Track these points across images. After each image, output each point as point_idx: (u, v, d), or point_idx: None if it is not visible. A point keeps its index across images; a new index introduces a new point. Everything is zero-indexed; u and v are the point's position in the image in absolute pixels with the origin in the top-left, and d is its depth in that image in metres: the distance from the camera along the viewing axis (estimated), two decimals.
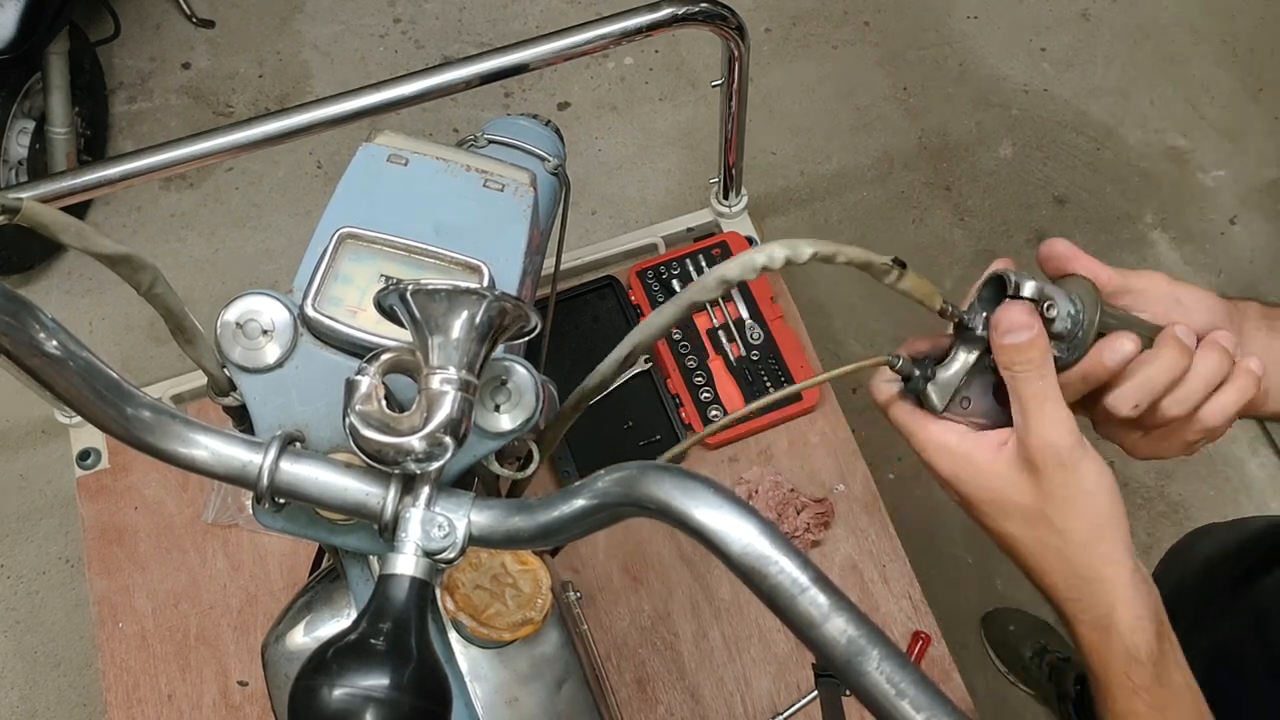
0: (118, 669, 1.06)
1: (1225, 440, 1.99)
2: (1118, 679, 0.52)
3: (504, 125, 0.85)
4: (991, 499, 0.54)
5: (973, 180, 2.26)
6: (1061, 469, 0.52)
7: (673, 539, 1.10)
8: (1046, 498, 0.52)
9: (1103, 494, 0.53)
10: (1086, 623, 0.53)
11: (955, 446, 0.55)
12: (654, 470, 0.43)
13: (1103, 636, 0.53)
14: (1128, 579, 0.53)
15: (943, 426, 0.56)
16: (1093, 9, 2.47)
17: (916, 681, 0.39)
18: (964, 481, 0.55)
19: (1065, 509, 0.52)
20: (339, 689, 0.40)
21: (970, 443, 0.55)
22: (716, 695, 1.04)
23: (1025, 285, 0.54)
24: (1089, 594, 0.53)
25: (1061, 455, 0.51)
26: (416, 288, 0.44)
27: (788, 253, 0.47)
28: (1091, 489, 0.52)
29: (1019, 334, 0.52)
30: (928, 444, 0.56)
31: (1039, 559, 0.54)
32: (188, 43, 2.44)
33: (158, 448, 0.47)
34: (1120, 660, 0.52)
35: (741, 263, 0.47)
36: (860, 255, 0.49)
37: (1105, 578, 0.52)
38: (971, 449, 0.55)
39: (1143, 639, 0.52)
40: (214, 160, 0.95)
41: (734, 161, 1.20)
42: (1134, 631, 0.52)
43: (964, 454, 0.55)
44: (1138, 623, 0.52)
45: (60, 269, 2.17)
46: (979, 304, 0.56)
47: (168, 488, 1.14)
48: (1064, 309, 0.54)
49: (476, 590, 0.74)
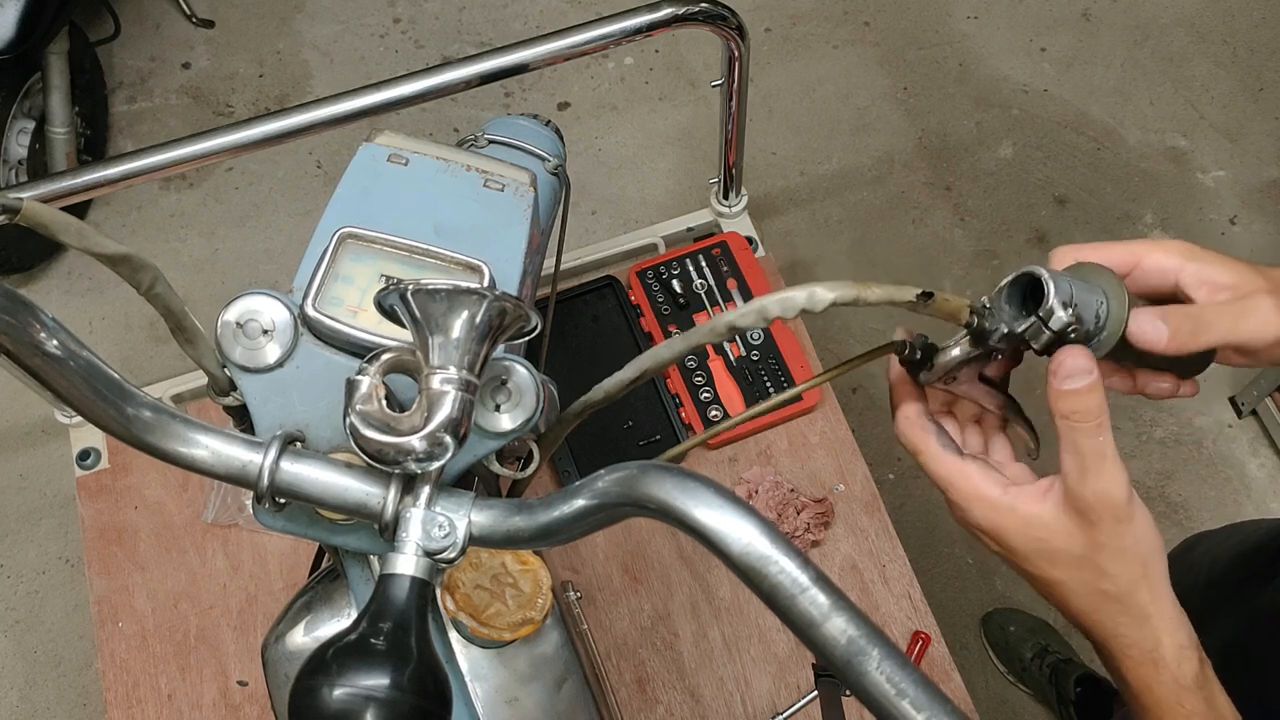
0: (117, 669, 1.06)
1: (1225, 441, 2.00)
2: (1170, 709, 0.53)
3: (504, 125, 0.85)
4: (1039, 549, 0.54)
5: (973, 180, 2.26)
6: (1116, 522, 0.52)
7: (673, 539, 1.10)
8: (1098, 548, 0.52)
9: (1148, 536, 0.53)
10: (1134, 658, 0.53)
11: (998, 499, 0.55)
12: (654, 470, 0.43)
13: (1151, 670, 0.53)
14: (1171, 611, 0.54)
15: (983, 477, 0.55)
16: (1093, 9, 2.47)
17: (916, 681, 0.39)
18: (1008, 533, 0.55)
19: (1117, 557, 0.52)
20: (339, 689, 0.40)
21: (1013, 495, 0.54)
22: (716, 695, 1.04)
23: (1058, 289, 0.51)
24: (1136, 631, 0.53)
25: (1119, 511, 0.51)
26: (417, 288, 0.44)
27: (804, 302, 0.47)
28: (1141, 536, 0.53)
29: (1080, 379, 0.51)
30: (969, 497, 0.55)
31: (1086, 601, 0.54)
32: (188, 43, 2.44)
33: (158, 448, 0.47)
34: (1171, 691, 0.53)
35: (755, 310, 0.47)
36: (884, 295, 0.49)
37: (1151, 614, 0.53)
38: (1015, 501, 0.54)
39: (1189, 668, 0.53)
40: (214, 160, 0.95)
41: (734, 161, 1.20)
42: (1180, 661, 0.53)
43: (1007, 506, 0.54)
44: (1183, 652, 0.53)
45: (60, 269, 2.17)
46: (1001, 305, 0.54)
47: (168, 488, 1.14)
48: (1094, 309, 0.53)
49: (476, 590, 0.74)
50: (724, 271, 1.21)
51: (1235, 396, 2.03)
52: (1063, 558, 0.53)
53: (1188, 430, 2.03)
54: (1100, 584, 0.53)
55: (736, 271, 1.21)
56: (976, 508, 0.55)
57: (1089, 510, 0.51)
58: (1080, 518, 0.52)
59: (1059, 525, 0.53)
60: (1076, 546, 0.53)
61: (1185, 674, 0.53)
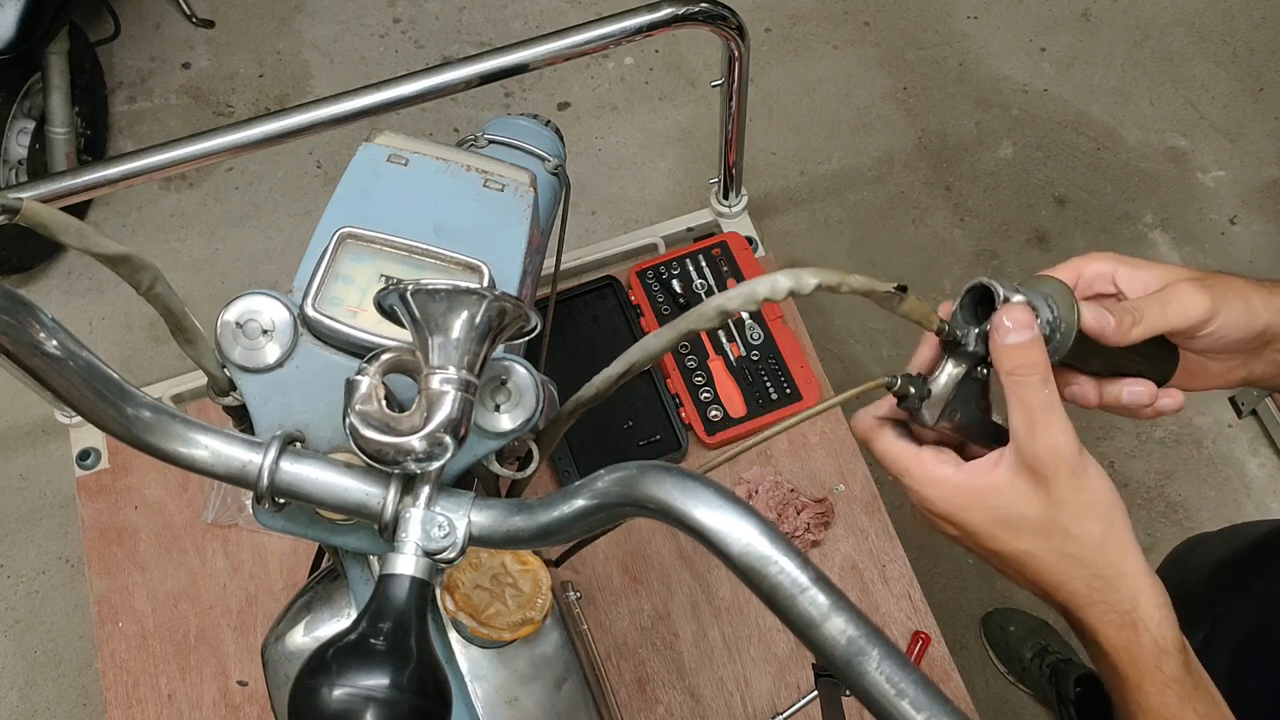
0: (117, 669, 1.06)
1: (1225, 440, 2.00)
2: (1149, 673, 0.52)
3: (504, 125, 0.85)
4: (999, 518, 0.54)
5: (973, 180, 2.26)
6: (1072, 475, 0.52)
7: (673, 539, 1.10)
8: (1059, 506, 0.52)
9: (1108, 492, 0.53)
10: (1111, 623, 0.53)
11: (952, 477, 0.55)
12: (654, 470, 0.43)
13: (1130, 633, 0.52)
14: (1144, 570, 0.53)
15: (936, 459, 0.55)
16: (1093, 9, 2.47)
17: (916, 681, 0.39)
18: (967, 510, 0.54)
19: (1080, 514, 0.52)
20: (339, 689, 0.40)
21: (967, 471, 0.55)
22: (716, 695, 1.04)
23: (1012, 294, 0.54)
24: (1111, 593, 0.53)
25: (1070, 462, 0.51)
26: (416, 288, 0.44)
27: (791, 284, 0.47)
28: (1099, 489, 0.53)
29: (1021, 333, 0.52)
30: (923, 478, 0.56)
31: (1057, 569, 0.53)
32: (188, 43, 2.44)
33: (158, 448, 0.47)
34: (1150, 654, 0.52)
35: (744, 293, 0.47)
36: (864, 284, 0.49)
37: (1125, 573, 0.53)
38: (969, 476, 0.54)
39: (1169, 630, 0.52)
40: (214, 160, 0.95)
41: (734, 161, 1.20)
42: (1160, 623, 0.52)
43: (963, 482, 0.54)
44: (1161, 612, 0.52)
45: (60, 269, 2.17)
46: (961, 317, 0.56)
47: (168, 488, 1.14)
48: (1044, 315, 0.55)
49: (476, 590, 0.74)
50: (724, 271, 1.21)
51: (1235, 396, 2.03)
52: (1024, 524, 0.53)
53: (1188, 430, 2.03)
54: (1067, 547, 0.53)
55: (736, 271, 1.21)
56: (932, 489, 0.55)
57: (1042, 466, 0.51)
58: (1035, 476, 0.52)
59: (1015, 489, 0.53)
60: (1036, 509, 0.53)
61: (1166, 635, 0.52)
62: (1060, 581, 0.54)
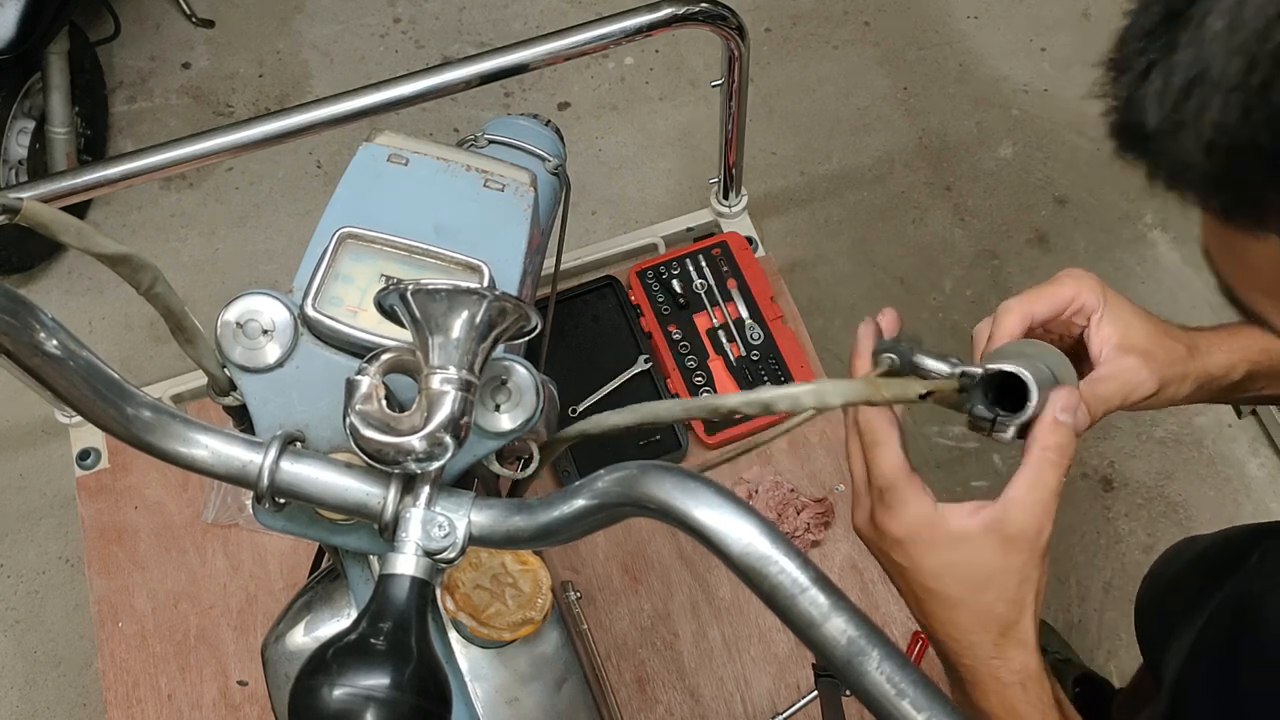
0: (117, 669, 1.06)
1: (1225, 441, 2.00)
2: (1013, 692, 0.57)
3: (504, 125, 0.85)
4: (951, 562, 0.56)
5: (973, 180, 2.26)
6: (1040, 555, 0.55)
7: (673, 539, 1.10)
8: (1009, 571, 0.55)
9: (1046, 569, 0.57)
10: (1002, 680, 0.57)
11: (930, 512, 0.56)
12: (654, 470, 0.43)
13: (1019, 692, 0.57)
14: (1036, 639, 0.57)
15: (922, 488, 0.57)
16: (1093, 9, 2.47)
17: (916, 682, 0.39)
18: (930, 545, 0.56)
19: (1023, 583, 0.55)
20: (339, 689, 0.40)
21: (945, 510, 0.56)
22: (716, 695, 1.04)
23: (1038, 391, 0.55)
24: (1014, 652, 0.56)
25: (1045, 544, 0.55)
26: (417, 288, 0.44)
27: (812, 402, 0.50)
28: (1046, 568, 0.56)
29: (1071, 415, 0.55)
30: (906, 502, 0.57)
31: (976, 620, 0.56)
32: (188, 42, 2.44)
33: (158, 447, 0.47)
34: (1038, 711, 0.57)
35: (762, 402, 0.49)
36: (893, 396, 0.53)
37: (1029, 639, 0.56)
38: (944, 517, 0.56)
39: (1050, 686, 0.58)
40: (214, 160, 0.95)
41: (734, 161, 1.20)
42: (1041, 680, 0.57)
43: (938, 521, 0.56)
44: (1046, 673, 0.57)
45: (60, 269, 2.17)
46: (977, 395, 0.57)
47: (168, 488, 1.14)
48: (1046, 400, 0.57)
49: (476, 590, 0.74)
50: (724, 271, 1.21)
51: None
52: (971, 576, 0.55)
53: (1188, 430, 2.03)
54: (997, 607, 0.55)
55: (736, 271, 1.21)
56: (909, 514, 0.56)
57: (1022, 540, 0.54)
58: (1007, 544, 0.54)
59: (980, 544, 0.55)
60: (989, 567, 0.55)
61: (1047, 691, 0.57)
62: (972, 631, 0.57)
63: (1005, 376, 0.56)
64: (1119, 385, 0.61)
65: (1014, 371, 0.55)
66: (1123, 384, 0.61)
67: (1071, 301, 0.63)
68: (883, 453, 0.58)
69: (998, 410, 0.56)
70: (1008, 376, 0.55)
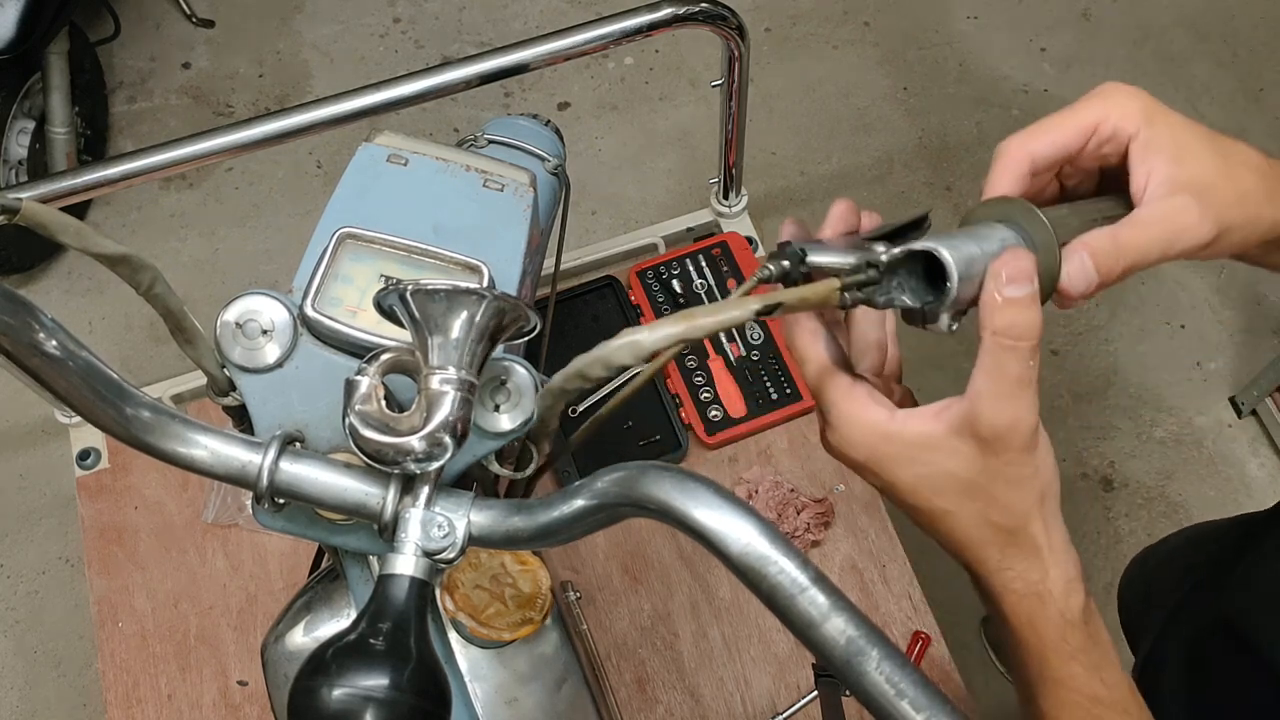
0: (117, 669, 1.06)
1: (1225, 441, 2.00)
2: (1053, 644, 0.50)
3: (504, 125, 0.85)
4: (924, 474, 0.49)
5: (973, 180, 2.26)
6: (1022, 450, 0.47)
7: (673, 539, 1.10)
8: (994, 475, 0.48)
9: (1047, 467, 0.49)
10: (1017, 591, 0.50)
11: (883, 422, 0.50)
12: (654, 470, 0.43)
13: (1036, 604, 0.50)
14: (1062, 544, 0.50)
15: (870, 398, 0.50)
16: (1093, 9, 2.47)
17: (916, 682, 0.39)
18: (892, 461, 0.50)
19: (1014, 486, 0.48)
20: (339, 689, 0.40)
21: (901, 418, 0.49)
22: (716, 695, 1.04)
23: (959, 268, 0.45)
24: (1022, 563, 0.50)
25: (1026, 438, 0.47)
26: (416, 288, 0.44)
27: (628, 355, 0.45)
28: (1042, 464, 0.49)
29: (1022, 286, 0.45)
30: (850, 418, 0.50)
31: (974, 531, 0.50)
32: (188, 43, 2.44)
33: (158, 448, 0.47)
34: (1055, 625, 0.50)
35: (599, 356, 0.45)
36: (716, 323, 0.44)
37: (1041, 546, 0.50)
38: (901, 425, 0.49)
39: (1076, 601, 0.50)
40: (214, 160, 0.95)
41: (734, 161, 1.20)
42: (1067, 595, 0.50)
43: (893, 431, 0.49)
44: (1070, 585, 0.50)
45: (60, 269, 2.17)
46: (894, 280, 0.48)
47: (168, 488, 1.14)
48: None
49: (476, 590, 0.74)
50: (724, 271, 1.21)
51: (1235, 396, 2.03)
52: (950, 484, 0.49)
53: (1188, 430, 2.03)
54: (991, 514, 0.49)
55: (736, 271, 1.21)
56: (857, 431, 0.50)
57: (996, 438, 0.47)
58: (980, 445, 0.47)
59: (951, 448, 0.48)
60: (968, 471, 0.48)
61: (1072, 608, 0.50)
62: (973, 545, 0.51)
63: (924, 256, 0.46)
64: (1159, 232, 0.49)
65: (924, 249, 0.46)
66: (1165, 230, 0.49)
67: (1095, 130, 0.51)
68: (809, 369, 0.52)
69: (925, 298, 0.47)
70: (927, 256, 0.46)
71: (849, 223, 0.55)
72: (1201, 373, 2.07)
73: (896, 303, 0.47)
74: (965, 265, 0.45)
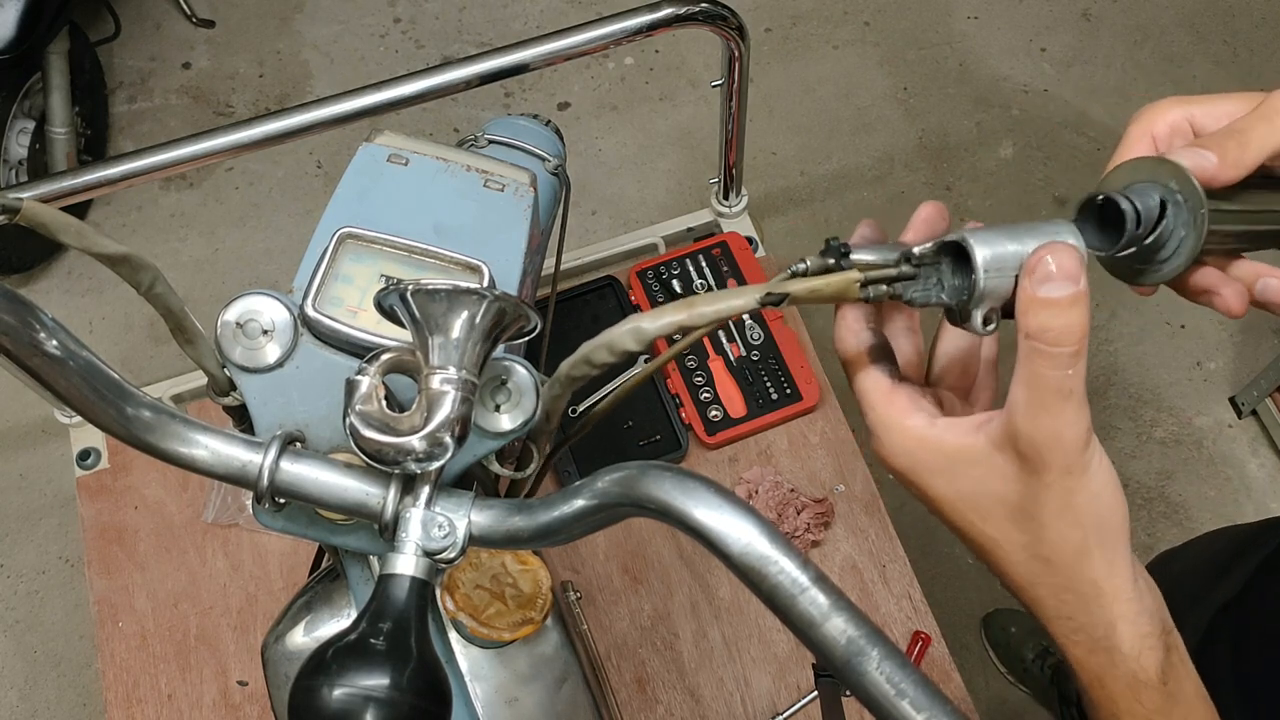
0: (117, 669, 1.06)
1: (1225, 441, 2.00)
2: (1126, 705, 0.45)
3: (504, 125, 0.85)
4: (966, 493, 0.45)
5: (973, 180, 2.26)
6: (1066, 473, 0.42)
7: (673, 539, 1.10)
8: (1039, 500, 0.43)
9: (1106, 497, 0.43)
10: (1081, 644, 0.45)
11: (920, 430, 0.45)
12: (654, 470, 0.43)
13: (1104, 660, 0.45)
14: (1130, 592, 0.44)
15: (910, 403, 0.46)
16: (1093, 9, 2.47)
17: (916, 681, 0.39)
18: (931, 474, 0.45)
19: (1062, 515, 0.43)
20: (339, 689, 0.40)
21: (941, 426, 0.45)
22: (716, 695, 1.04)
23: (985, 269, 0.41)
24: (1083, 612, 0.44)
25: (1070, 457, 0.41)
26: (416, 288, 0.44)
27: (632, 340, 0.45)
28: (1097, 492, 0.43)
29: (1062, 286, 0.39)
30: (887, 423, 0.46)
31: (1024, 569, 0.45)
32: (188, 43, 2.44)
33: (158, 448, 0.47)
34: (1126, 685, 0.44)
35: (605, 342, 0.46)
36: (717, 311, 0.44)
37: (1104, 592, 0.44)
38: (941, 433, 0.45)
39: (1151, 659, 0.44)
40: (214, 160, 0.95)
41: (734, 161, 1.20)
42: (1140, 653, 0.44)
43: (931, 439, 0.45)
44: (1144, 641, 0.44)
45: (60, 269, 2.17)
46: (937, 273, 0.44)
47: (168, 488, 1.14)
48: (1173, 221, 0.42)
49: (476, 590, 0.74)
50: (724, 271, 1.21)
51: (1235, 396, 2.03)
52: (994, 509, 0.44)
53: (1188, 430, 2.03)
54: (1039, 548, 0.44)
55: (737, 271, 1.21)
56: (895, 436, 0.46)
57: (1034, 454, 0.41)
58: (1021, 461, 0.42)
59: (991, 464, 0.43)
60: (1011, 493, 0.43)
61: (1147, 667, 0.44)
62: (1027, 585, 0.46)
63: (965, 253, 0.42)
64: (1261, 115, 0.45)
65: (954, 239, 0.42)
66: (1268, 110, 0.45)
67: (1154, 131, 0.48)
68: (848, 371, 0.48)
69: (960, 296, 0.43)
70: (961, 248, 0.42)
71: (935, 227, 0.51)
72: (1201, 373, 2.07)
73: (932, 299, 0.44)
74: (996, 258, 0.41)
